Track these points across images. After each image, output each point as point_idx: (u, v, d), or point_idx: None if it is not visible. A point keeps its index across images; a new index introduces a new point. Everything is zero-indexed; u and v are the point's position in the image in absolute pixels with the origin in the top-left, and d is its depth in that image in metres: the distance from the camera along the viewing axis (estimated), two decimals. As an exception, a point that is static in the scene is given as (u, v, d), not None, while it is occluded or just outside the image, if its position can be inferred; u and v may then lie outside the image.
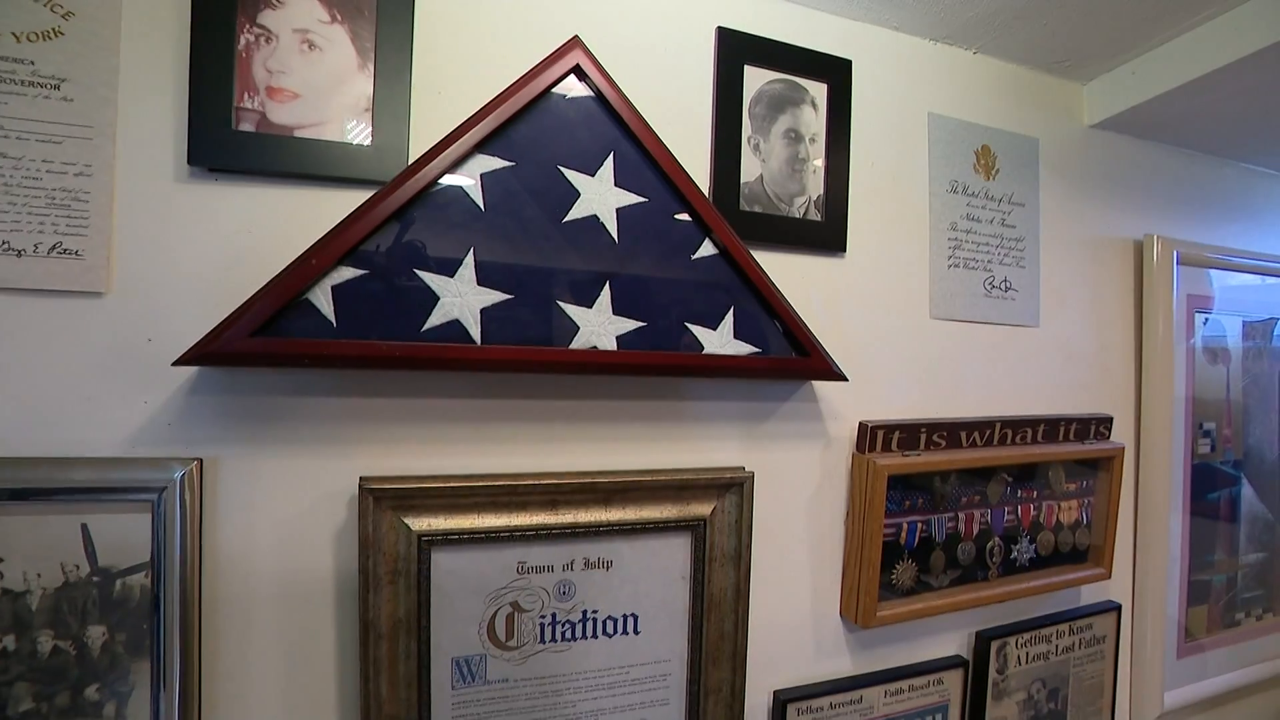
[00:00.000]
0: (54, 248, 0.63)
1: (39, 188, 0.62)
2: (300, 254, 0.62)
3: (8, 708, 0.60)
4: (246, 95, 0.66)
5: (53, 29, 0.63)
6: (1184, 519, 1.21)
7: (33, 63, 0.62)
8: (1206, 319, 1.24)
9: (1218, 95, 1.03)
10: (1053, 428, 1.02)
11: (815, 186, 0.89)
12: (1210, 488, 1.24)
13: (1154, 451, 1.16)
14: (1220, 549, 1.26)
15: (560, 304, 0.69)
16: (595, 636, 0.75)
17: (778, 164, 0.86)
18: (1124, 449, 1.07)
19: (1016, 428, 0.98)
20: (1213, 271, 1.25)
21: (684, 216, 0.74)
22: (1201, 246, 1.21)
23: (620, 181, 0.72)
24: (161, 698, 0.64)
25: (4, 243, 0.61)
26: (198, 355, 0.59)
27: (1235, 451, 1.27)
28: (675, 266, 0.74)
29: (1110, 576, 1.08)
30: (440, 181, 0.65)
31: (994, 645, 0.99)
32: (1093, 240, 1.14)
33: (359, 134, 0.69)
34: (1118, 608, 1.11)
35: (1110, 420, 1.08)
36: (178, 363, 0.59)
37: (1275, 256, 1.30)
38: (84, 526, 0.62)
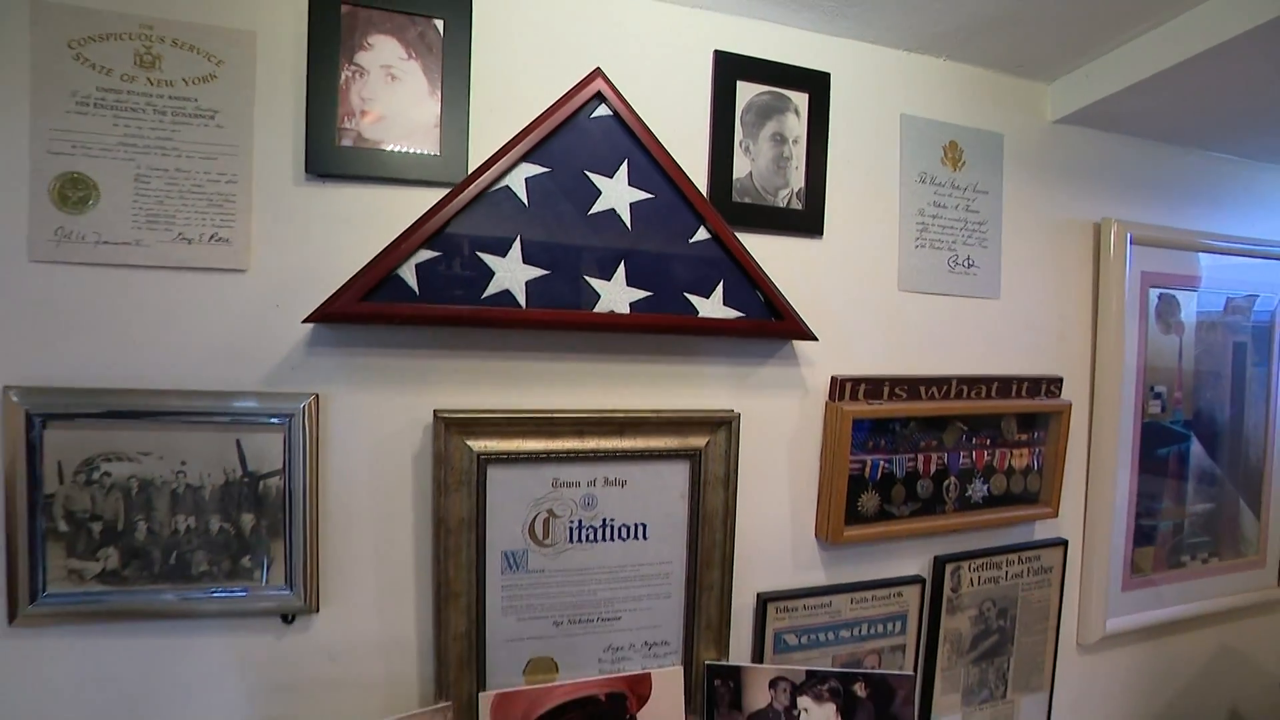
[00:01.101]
0: (212, 236, 0.85)
1: (201, 193, 0.85)
2: (391, 240, 0.84)
3: (191, 568, 0.85)
4: (346, 118, 0.88)
5: (209, 74, 0.85)
6: (1133, 470, 1.38)
7: (196, 100, 0.84)
8: (1160, 294, 1.40)
9: (1170, 90, 1.16)
10: (1005, 385, 1.20)
11: (797, 180, 1.08)
12: (1160, 444, 1.42)
13: (1105, 410, 1.34)
14: (1168, 498, 1.44)
15: (586, 278, 0.90)
16: (612, 540, 0.98)
17: (765, 163, 1.06)
18: (1070, 405, 1.25)
19: (972, 384, 1.17)
20: (1177, 252, 1.41)
21: (683, 209, 0.95)
22: (1156, 228, 1.37)
23: (633, 182, 0.92)
24: (291, 567, 0.87)
25: (179, 234, 0.84)
26: (321, 315, 0.81)
27: (1185, 412, 1.44)
28: (676, 248, 0.95)
29: (1057, 515, 1.27)
30: (495, 185, 0.86)
31: (949, 568, 1.19)
32: (1053, 223, 1.31)
33: (429, 146, 0.91)
34: (1065, 543, 1.30)
35: (1060, 381, 1.26)
36: (307, 320, 0.82)
37: (1232, 237, 1.46)
38: (238, 441, 0.85)
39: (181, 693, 0.87)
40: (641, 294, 0.93)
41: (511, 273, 0.87)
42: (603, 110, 0.90)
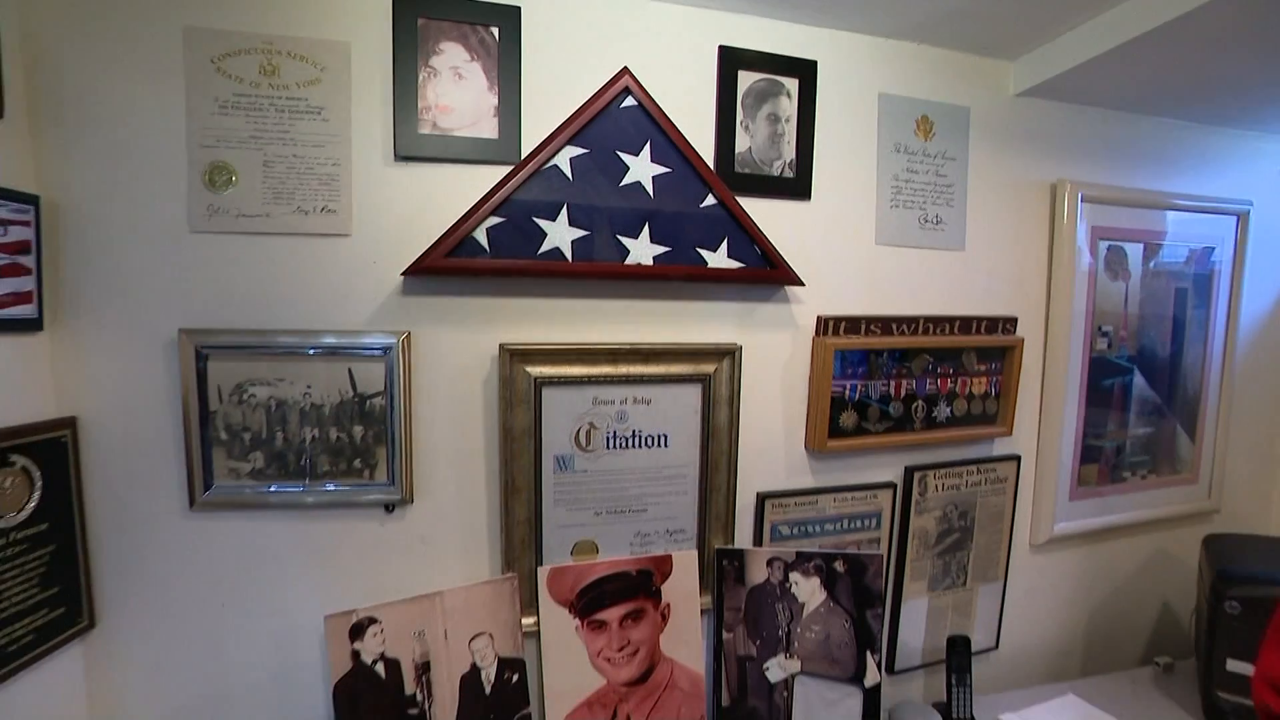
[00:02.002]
0: (322, 209, 1.10)
1: (313, 174, 1.09)
2: (467, 209, 1.08)
3: (316, 468, 1.11)
4: (424, 111, 1.12)
5: (315, 78, 1.08)
6: (1081, 397, 1.64)
7: (306, 99, 1.08)
8: (1109, 245, 1.63)
9: (1120, 65, 1.34)
10: (966, 323, 1.45)
11: (789, 153, 1.31)
12: (1105, 375, 1.66)
13: (1057, 346, 1.58)
14: (1112, 422, 1.69)
15: (618, 236, 1.15)
16: (640, 447, 1.24)
17: (761, 139, 1.29)
18: (1023, 340, 1.50)
19: (937, 322, 1.42)
20: (1125, 208, 1.63)
21: (695, 180, 1.18)
22: (1105, 187, 1.60)
23: (654, 159, 1.16)
24: (392, 468, 1.14)
25: (298, 207, 1.08)
26: (416, 269, 1.06)
27: (1130, 349, 1.68)
28: (690, 211, 1.19)
29: (1011, 434, 1.53)
30: (546, 164, 1.10)
31: (917, 475, 1.45)
32: (1013, 184, 1.54)
33: (490, 132, 1.14)
34: (1018, 458, 1.56)
35: (1014, 320, 1.51)
36: (405, 273, 1.07)
37: (1177, 194, 1.67)
38: (350, 370, 1.11)
39: (312, 561, 1.15)
40: (662, 249, 1.17)
41: (560, 234, 1.12)
42: (630, 101, 1.14)
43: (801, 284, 1.28)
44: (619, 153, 1.14)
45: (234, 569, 1.12)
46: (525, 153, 1.13)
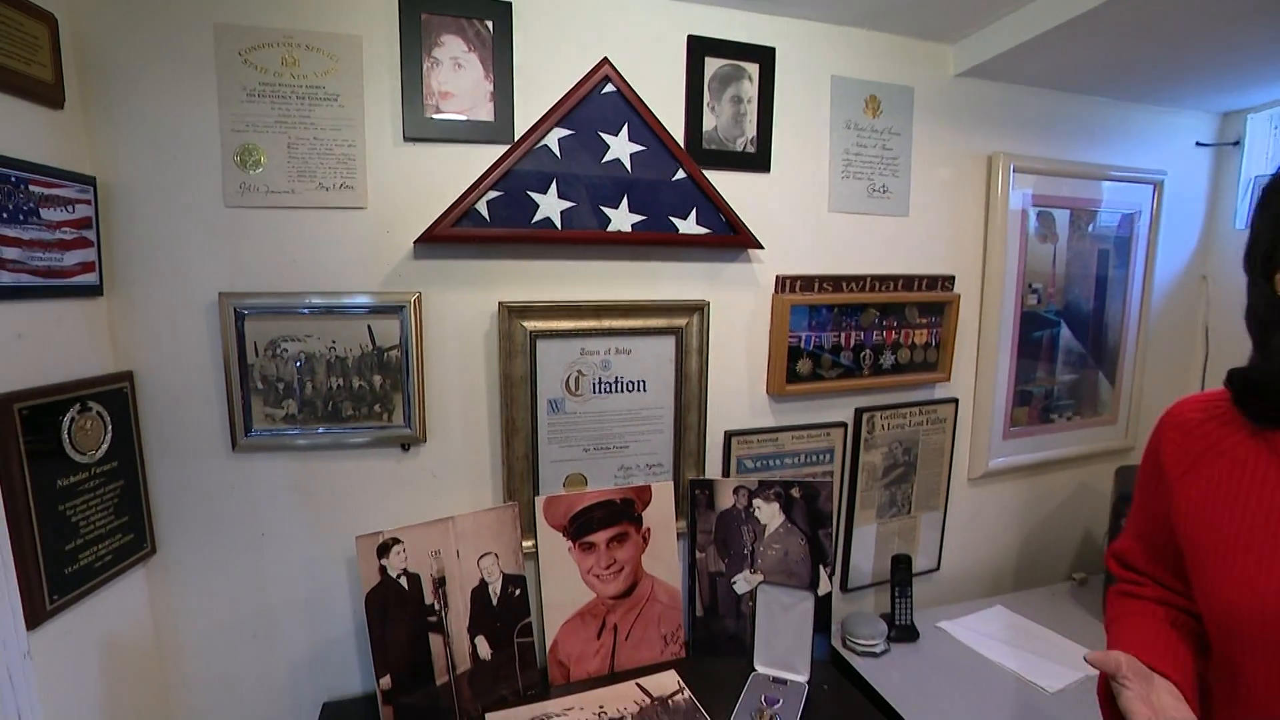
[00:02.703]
0: (341, 185, 1.27)
1: (331, 154, 1.25)
2: (470, 184, 1.26)
3: (341, 413, 1.30)
4: (429, 97, 1.28)
5: (331, 68, 1.24)
6: (1013, 347, 1.87)
7: (324, 87, 1.24)
8: (1039, 211, 1.85)
9: (1051, 47, 1.49)
10: (909, 281, 1.66)
11: (750, 131, 1.50)
12: (1035, 328, 1.90)
13: (992, 301, 1.80)
14: (1041, 370, 1.93)
15: (601, 207, 1.33)
16: (622, 392, 1.44)
17: (726, 119, 1.47)
18: (960, 296, 1.72)
19: (882, 280, 1.63)
20: (1054, 178, 1.85)
21: (667, 156, 1.37)
22: (1036, 159, 1.80)
23: (632, 138, 1.34)
24: (408, 412, 1.33)
25: (319, 184, 1.25)
26: (426, 237, 1.24)
27: (1057, 304, 1.92)
28: (662, 184, 1.37)
29: (950, 380, 1.76)
30: (537, 144, 1.28)
31: (865, 416, 1.68)
32: (953, 156, 1.74)
33: (487, 115, 1.31)
34: (956, 401, 1.79)
35: (952, 278, 1.72)
36: (417, 240, 1.25)
37: (1102, 165, 1.89)
38: (369, 326, 1.29)
39: (339, 494, 1.34)
40: (639, 217, 1.36)
41: (550, 205, 1.30)
42: (609, 88, 1.31)
43: (761, 247, 1.48)
44: (600, 133, 1.32)
45: (271, 502, 1.31)
46: (519, 134, 1.31)
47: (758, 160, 1.51)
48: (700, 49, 1.43)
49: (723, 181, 1.46)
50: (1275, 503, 0.75)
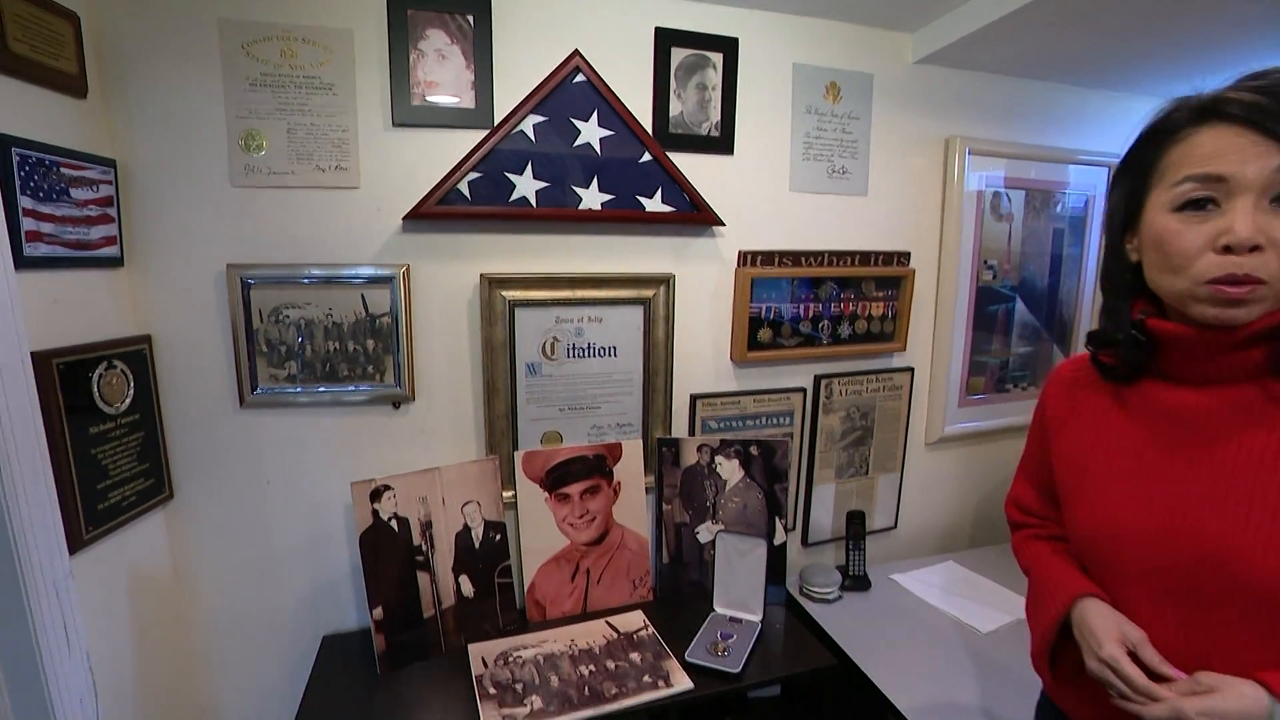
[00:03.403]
0: (336, 166, 1.42)
1: (327, 139, 1.40)
2: (452, 166, 1.40)
3: (338, 374, 1.46)
4: (415, 86, 1.43)
5: (325, 60, 1.38)
6: (969, 320, 2.01)
7: (319, 77, 1.38)
8: (994, 192, 1.98)
9: (1005, 34, 1.60)
10: (865, 257, 1.81)
11: (715, 116, 1.64)
12: (991, 302, 2.04)
13: (948, 277, 1.95)
14: (997, 341, 2.07)
15: (573, 187, 1.48)
16: (595, 357, 1.60)
17: (692, 105, 1.61)
18: (915, 271, 1.86)
19: (840, 256, 1.78)
20: (1009, 160, 1.98)
21: (634, 140, 1.51)
22: (991, 142, 1.94)
23: (601, 124, 1.49)
24: (398, 373, 1.49)
25: (316, 165, 1.40)
26: (413, 214, 1.40)
27: (1012, 280, 2.06)
28: (630, 166, 1.52)
29: (905, 350, 1.91)
30: (514, 129, 1.43)
31: (824, 382, 1.83)
32: (910, 140, 1.87)
33: (468, 102, 1.46)
34: (912, 370, 1.95)
35: (908, 254, 1.87)
36: (405, 217, 1.40)
37: (1056, 148, 2.02)
38: (362, 295, 1.45)
39: (336, 447, 1.50)
40: (608, 196, 1.51)
41: (526, 185, 1.45)
42: (580, 78, 1.46)
43: (722, 224, 1.63)
44: (572, 119, 1.47)
45: (276, 454, 1.48)
46: (497, 120, 1.45)
47: (722, 143, 1.65)
48: (666, 40, 1.56)
49: (688, 163, 1.60)
50: (1121, 448, 0.90)
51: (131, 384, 1.30)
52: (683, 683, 1.36)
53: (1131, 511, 0.87)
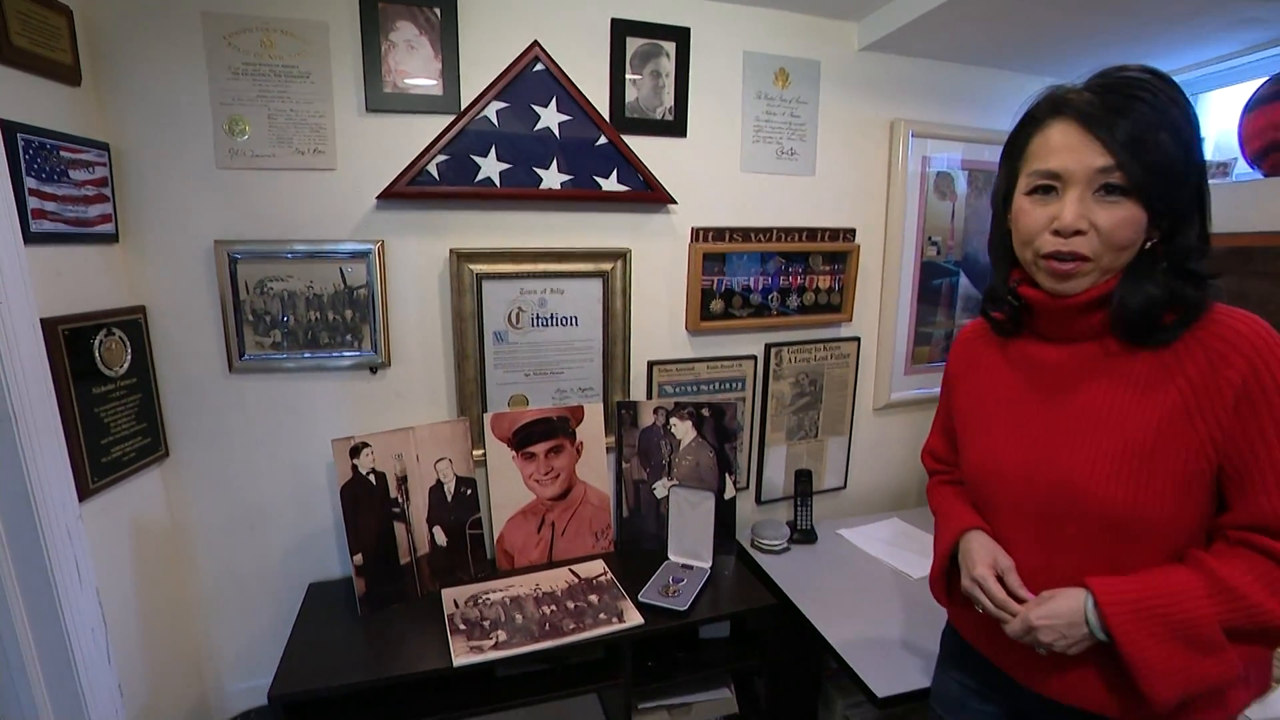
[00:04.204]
0: (314, 150, 1.55)
1: (305, 124, 1.53)
2: (422, 149, 1.54)
3: (319, 341, 1.60)
4: (387, 74, 1.56)
5: (302, 50, 1.51)
6: (914, 293, 2.17)
7: (297, 66, 1.51)
8: (938, 172, 2.14)
9: (943, 23, 1.75)
10: (812, 233, 1.96)
11: (669, 101, 1.78)
12: (935, 276, 2.20)
13: (893, 252, 2.10)
14: (941, 314, 2.24)
15: (534, 168, 1.62)
16: (557, 326, 1.75)
17: (646, 91, 1.75)
18: (859, 246, 2.02)
19: (787, 232, 1.93)
20: (950, 142, 2.13)
21: (590, 125, 1.65)
22: (933, 125, 2.08)
23: (560, 109, 1.62)
24: (375, 341, 1.63)
25: (296, 149, 1.53)
26: (385, 194, 1.54)
27: (956, 255, 2.22)
28: (587, 149, 1.66)
29: (852, 320, 2.07)
30: (478, 114, 1.56)
31: (774, 350, 1.99)
32: (856, 123, 2.02)
33: (436, 90, 1.59)
34: (858, 339, 2.11)
35: (853, 230, 2.02)
36: (379, 197, 1.54)
37: (995, 130, 2.17)
38: (341, 268, 1.59)
39: (318, 409, 1.65)
40: (567, 177, 1.65)
41: (490, 166, 1.59)
42: (539, 66, 1.59)
43: (674, 202, 1.78)
44: (533, 105, 1.61)
45: (263, 416, 1.63)
46: (463, 106, 1.59)
47: (676, 127, 1.79)
48: (622, 30, 1.70)
49: (644, 146, 1.74)
50: (1001, 397, 1.07)
51: (129, 350, 1.44)
52: (634, 619, 1.53)
53: (1006, 451, 1.04)
